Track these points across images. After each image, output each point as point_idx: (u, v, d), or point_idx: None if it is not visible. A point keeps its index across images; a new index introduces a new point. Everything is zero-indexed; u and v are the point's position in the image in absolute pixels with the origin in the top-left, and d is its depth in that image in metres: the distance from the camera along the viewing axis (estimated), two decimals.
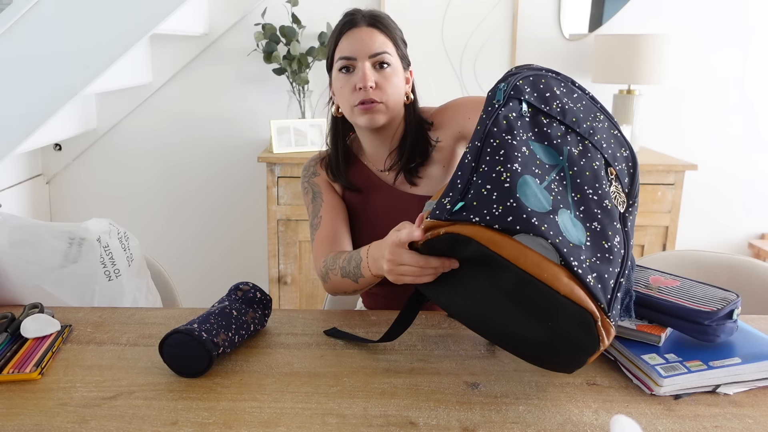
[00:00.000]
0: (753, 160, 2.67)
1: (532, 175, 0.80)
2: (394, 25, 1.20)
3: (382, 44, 1.15)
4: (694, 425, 0.77)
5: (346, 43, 1.15)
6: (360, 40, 1.14)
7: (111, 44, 1.89)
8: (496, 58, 2.57)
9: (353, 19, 1.16)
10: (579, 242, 0.78)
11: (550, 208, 0.79)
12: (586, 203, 0.81)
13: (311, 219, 1.28)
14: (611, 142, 0.88)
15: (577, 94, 0.90)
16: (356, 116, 1.17)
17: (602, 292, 0.76)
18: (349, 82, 1.15)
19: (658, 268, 1.43)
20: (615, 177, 0.85)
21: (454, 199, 0.81)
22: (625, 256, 0.81)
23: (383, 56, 1.14)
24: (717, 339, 0.88)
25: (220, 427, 0.76)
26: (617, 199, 0.84)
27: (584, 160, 0.84)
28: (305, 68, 2.41)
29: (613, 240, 0.80)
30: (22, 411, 0.79)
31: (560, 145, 0.84)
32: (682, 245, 2.68)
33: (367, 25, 1.15)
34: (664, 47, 2.28)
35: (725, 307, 0.88)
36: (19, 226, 1.21)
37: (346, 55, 1.15)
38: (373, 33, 1.15)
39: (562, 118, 0.86)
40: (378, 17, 1.17)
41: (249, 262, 2.74)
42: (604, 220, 0.81)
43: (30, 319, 0.99)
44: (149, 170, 2.65)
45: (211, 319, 0.92)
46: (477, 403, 0.81)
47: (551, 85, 0.88)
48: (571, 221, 0.80)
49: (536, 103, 0.87)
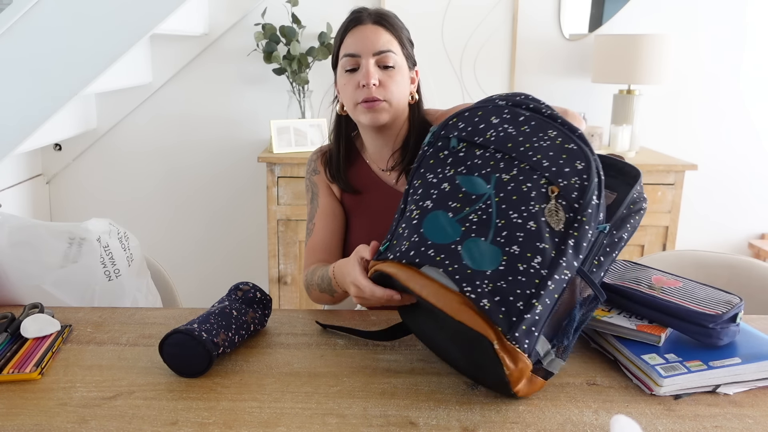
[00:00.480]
0: (753, 160, 2.67)
1: (446, 209, 0.85)
2: (400, 24, 1.19)
3: (387, 42, 1.14)
4: (694, 425, 0.77)
5: (351, 40, 1.15)
6: (365, 37, 1.14)
7: (111, 44, 1.89)
8: (496, 58, 2.57)
9: (359, 16, 1.16)
10: (486, 268, 0.78)
11: (457, 238, 0.82)
12: (509, 228, 0.81)
13: (307, 221, 1.30)
14: (561, 157, 0.84)
15: (523, 117, 0.90)
16: (359, 114, 1.16)
17: (504, 315, 0.75)
18: (353, 80, 1.15)
19: (658, 267, 1.44)
20: (556, 195, 0.82)
21: (384, 239, 0.92)
22: (548, 276, 0.77)
23: (388, 54, 1.14)
24: (720, 342, 0.88)
25: (220, 427, 0.76)
26: (553, 217, 0.81)
27: (513, 184, 0.84)
28: (305, 68, 2.41)
29: (531, 261, 0.78)
30: (22, 411, 0.79)
31: (490, 173, 0.86)
32: (682, 245, 2.68)
33: (373, 22, 1.15)
34: (663, 47, 2.28)
35: (730, 310, 0.88)
36: (19, 226, 1.21)
37: (351, 52, 1.15)
38: (378, 31, 1.15)
39: (497, 146, 0.88)
40: (384, 15, 1.17)
41: (249, 262, 2.74)
42: (525, 243, 0.79)
43: (30, 319, 0.99)
44: (149, 170, 2.65)
45: (211, 319, 0.92)
46: (477, 403, 0.81)
47: (487, 116, 0.92)
48: (481, 248, 0.80)
49: (468, 137, 0.91)
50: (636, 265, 1.07)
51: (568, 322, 0.81)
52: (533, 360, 0.78)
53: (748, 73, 2.59)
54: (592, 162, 0.84)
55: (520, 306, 0.76)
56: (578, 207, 0.81)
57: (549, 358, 0.80)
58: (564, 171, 0.83)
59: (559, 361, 0.81)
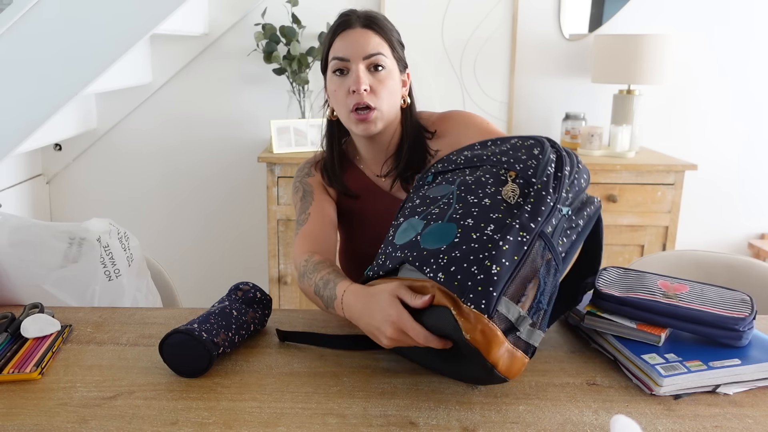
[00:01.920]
0: (753, 160, 2.67)
1: (414, 215, 0.91)
2: (390, 26, 1.17)
3: (376, 45, 1.12)
4: (694, 425, 0.77)
5: (340, 44, 1.13)
6: (354, 41, 1.12)
7: (111, 44, 1.89)
8: (496, 58, 2.57)
9: (348, 20, 1.14)
10: (441, 244, 0.82)
11: (419, 230, 0.87)
12: (465, 207, 0.86)
13: (298, 215, 1.23)
14: (520, 151, 0.91)
15: (491, 141, 0.98)
16: (351, 124, 1.15)
17: (458, 281, 0.77)
18: (343, 85, 1.13)
19: (658, 267, 1.44)
20: (513, 177, 0.88)
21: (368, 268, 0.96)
22: (501, 238, 0.79)
23: (378, 58, 1.12)
24: (745, 342, 0.89)
25: (220, 427, 0.76)
26: (509, 193, 0.86)
27: (474, 178, 0.91)
28: (305, 68, 2.41)
29: (485, 229, 0.81)
30: (22, 411, 0.79)
31: (455, 179, 0.94)
32: (682, 245, 2.68)
33: (362, 26, 1.13)
34: (664, 47, 2.28)
35: (752, 310, 0.90)
36: (19, 226, 1.21)
37: (340, 55, 1.12)
38: (367, 34, 1.12)
39: (465, 164, 0.96)
40: (373, 18, 1.14)
41: (249, 262, 2.74)
42: (479, 215, 0.83)
43: (30, 319, 0.99)
44: (149, 170, 2.65)
45: (211, 319, 0.92)
46: (477, 403, 0.81)
47: (462, 150, 1.01)
48: (436, 229, 0.85)
49: (441, 168, 0.99)
50: (630, 271, 1.06)
51: (539, 289, 0.80)
52: (501, 325, 0.76)
53: (749, 73, 2.59)
54: (546, 143, 0.90)
55: (474, 270, 0.77)
56: (534, 180, 0.86)
57: (524, 326, 0.77)
58: (521, 158, 0.90)
59: (538, 333, 0.79)
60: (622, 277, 1.03)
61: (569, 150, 0.92)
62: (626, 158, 2.30)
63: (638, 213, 2.25)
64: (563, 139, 2.52)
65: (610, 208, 2.26)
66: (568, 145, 2.51)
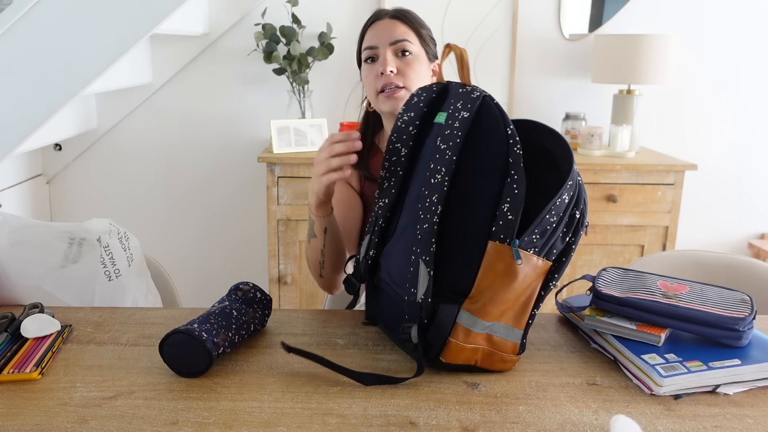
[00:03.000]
0: (753, 160, 2.67)
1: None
2: (419, 20, 1.26)
3: (402, 33, 1.21)
4: (694, 425, 0.77)
5: (370, 35, 1.23)
6: (382, 30, 1.21)
7: (111, 44, 1.89)
8: (496, 58, 2.57)
9: (378, 14, 1.25)
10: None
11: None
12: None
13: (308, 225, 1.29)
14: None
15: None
16: (380, 103, 1.22)
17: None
18: (373, 70, 1.21)
19: (658, 268, 1.44)
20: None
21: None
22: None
23: (404, 44, 1.20)
24: (745, 342, 0.89)
25: (220, 427, 0.76)
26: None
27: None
28: (305, 68, 2.41)
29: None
30: (22, 411, 0.79)
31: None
32: (682, 245, 2.68)
33: (390, 17, 1.23)
34: (664, 47, 2.28)
35: (752, 309, 0.91)
36: (19, 226, 1.21)
37: (369, 44, 1.22)
38: (394, 23, 1.22)
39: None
40: (402, 10, 1.25)
41: (249, 262, 2.74)
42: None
43: (30, 319, 0.99)
44: (149, 170, 2.65)
45: (211, 319, 0.92)
46: (477, 403, 0.81)
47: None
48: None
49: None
50: (630, 272, 1.06)
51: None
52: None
53: (748, 73, 2.59)
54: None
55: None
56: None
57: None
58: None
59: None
60: (622, 278, 1.03)
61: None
62: (626, 158, 2.30)
63: (638, 213, 2.26)
64: None
65: (610, 208, 2.26)
66: None
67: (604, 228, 2.27)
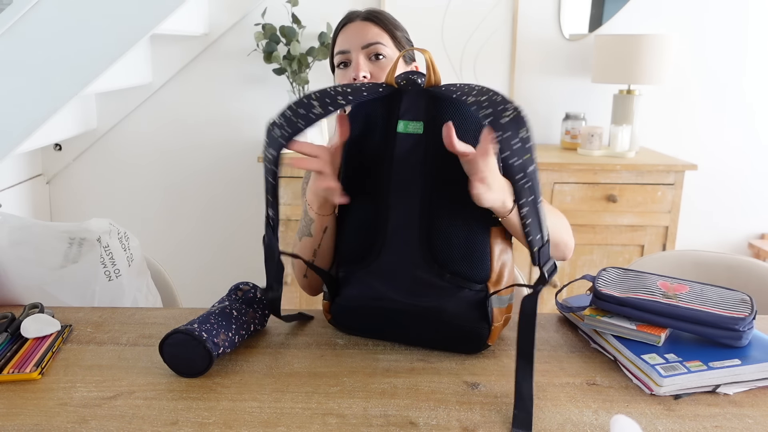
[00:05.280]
0: (753, 160, 2.67)
1: None
2: (393, 20, 1.20)
3: (375, 35, 1.15)
4: (694, 425, 0.77)
5: (341, 39, 1.18)
6: (353, 33, 1.16)
7: (111, 44, 1.89)
8: (496, 58, 2.57)
9: (349, 16, 1.19)
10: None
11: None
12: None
13: (302, 217, 1.24)
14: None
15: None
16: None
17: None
18: (346, 76, 1.16)
19: (658, 267, 1.44)
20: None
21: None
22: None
23: (377, 47, 1.15)
24: (745, 343, 0.89)
25: (220, 427, 0.76)
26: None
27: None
28: (305, 68, 2.41)
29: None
30: (22, 411, 0.79)
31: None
32: (682, 245, 2.68)
33: (362, 19, 1.17)
34: (664, 47, 2.28)
35: (752, 309, 0.91)
36: (19, 226, 1.21)
37: (341, 48, 1.17)
38: (366, 25, 1.16)
39: None
40: (374, 11, 1.19)
41: (249, 262, 2.74)
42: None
43: (30, 319, 0.99)
44: (149, 170, 2.65)
45: (211, 319, 0.92)
46: (477, 403, 0.81)
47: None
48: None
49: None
50: (630, 272, 1.06)
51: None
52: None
53: (748, 73, 2.59)
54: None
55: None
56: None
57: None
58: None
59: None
60: (621, 278, 1.03)
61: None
62: (626, 158, 2.30)
63: (638, 213, 2.26)
64: (563, 139, 2.52)
65: (610, 208, 2.26)
66: (568, 145, 2.51)
67: (604, 228, 2.27)
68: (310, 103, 0.86)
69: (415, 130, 0.90)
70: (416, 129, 0.90)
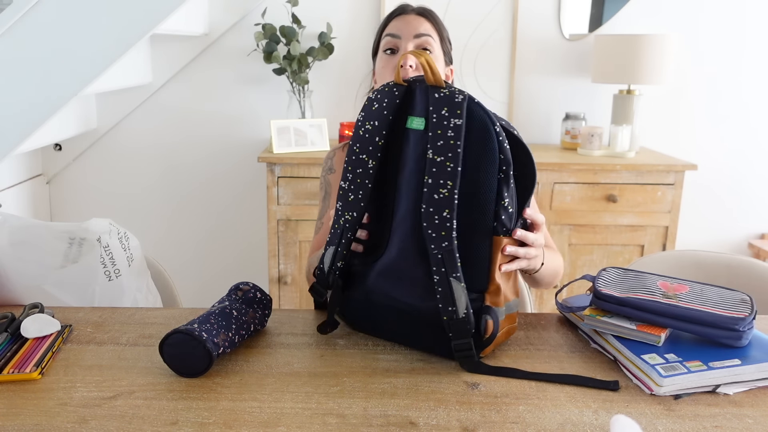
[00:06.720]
0: (753, 160, 2.67)
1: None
2: (441, 21, 1.24)
3: (427, 29, 1.19)
4: (694, 425, 0.77)
5: (394, 24, 1.20)
6: (407, 22, 1.19)
7: (111, 44, 1.89)
8: (496, 58, 2.57)
9: (404, 7, 1.22)
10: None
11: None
12: None
13: (317, 219, 1.29)
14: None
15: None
16: None
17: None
18: (391, 62, 1.18)
19: (658, 268, 1.44)
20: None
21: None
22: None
23: (427, 39, 1.18)
24: (746, 343, 0.89)
25: (220, 427, 0.76)
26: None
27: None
28: (305, 68, 2.41)
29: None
30: (22, 411, 0.79)
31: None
32: (682, 245, 2.68)
33: (416, 13, 1.21)
34: (664, 47, 2.28)
35: (752, 309, 0.91)
36: (19, 226, 1.21)
37: (392, 32, 1.19)
38: (419, 19, 1.20)
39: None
40: (427, 9, 1.23)
41: (249, 262, 2.74)
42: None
43: (30, 319, 0.99)
44: (149, 170, 2.65)
45: (211, 319, 0.92)
46: (477, 403, 0.81)
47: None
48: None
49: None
50: (630, 272, 1.06)
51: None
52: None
53: (748, 73, 2.59)
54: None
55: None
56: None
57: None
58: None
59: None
60: (621, 278, 1.03)
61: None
62: (626, 158, 2.30)
63: (638, 213, 2.26)
64: (563, 139, 2.52)
65: (610, 208, 2.26)
66: (568, 145, 2.51)
67: (604, 228, 2.27)
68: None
69: (418, 126, 0.91)
70: (419, 125, 0.91)
